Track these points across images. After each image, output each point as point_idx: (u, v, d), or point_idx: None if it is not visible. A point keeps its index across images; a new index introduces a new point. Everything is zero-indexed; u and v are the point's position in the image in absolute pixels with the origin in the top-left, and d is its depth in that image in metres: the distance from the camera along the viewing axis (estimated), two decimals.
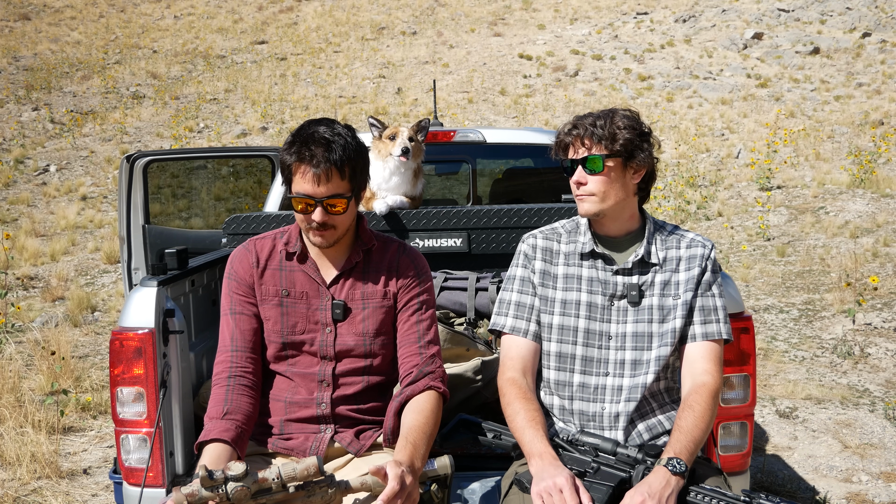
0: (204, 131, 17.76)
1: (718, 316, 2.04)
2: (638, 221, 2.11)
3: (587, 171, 2.00)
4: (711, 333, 2.03)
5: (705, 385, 1.97)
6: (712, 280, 2.06)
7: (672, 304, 2.03)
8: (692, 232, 2.14)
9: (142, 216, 4.41)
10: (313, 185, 1.94)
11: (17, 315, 7.19)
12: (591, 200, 2.02)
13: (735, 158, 14.47)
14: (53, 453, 4.16)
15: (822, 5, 24.30)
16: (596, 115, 2.03)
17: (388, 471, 1.71)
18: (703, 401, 1.93)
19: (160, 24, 30.60)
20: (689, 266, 2.06)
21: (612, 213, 2.04)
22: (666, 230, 2.12)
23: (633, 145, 1.98)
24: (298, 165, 1.95)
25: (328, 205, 1.96)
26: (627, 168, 2.01)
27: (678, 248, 2.08)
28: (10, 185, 14.32)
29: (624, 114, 2.03)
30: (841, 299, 7.07)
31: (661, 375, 2.05)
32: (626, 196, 2.03)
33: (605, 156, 1.98)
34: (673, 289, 2.04)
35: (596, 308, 2.04)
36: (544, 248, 2.12)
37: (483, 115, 18.23)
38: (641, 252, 2.04)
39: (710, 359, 2.01)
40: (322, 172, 1.93)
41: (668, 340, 2.02)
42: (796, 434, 4.54)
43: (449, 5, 30.62)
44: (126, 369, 2.24)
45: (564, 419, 2.07)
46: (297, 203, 1.97)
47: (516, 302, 2.11)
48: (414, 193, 3.03)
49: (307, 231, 2.03)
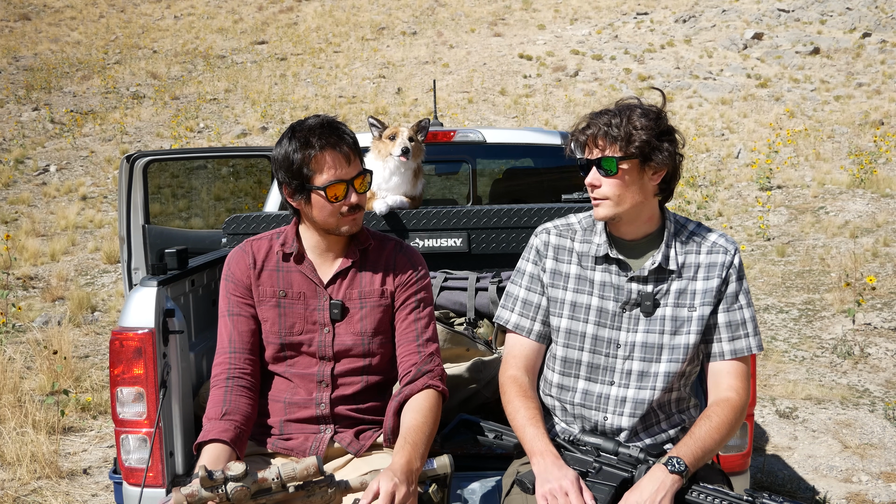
0: (204, 131, 17.75)
1: (748, 329, 1.94)
2: (657, 222, 1.98)
3: (601, 172, 1.88)
4: (741, 350, 1.94)
5: (728, 400, 1.90)
6: (738, 289, 1.94)
7: (686, 316, 1.93)
8: (716, 232, 2.00)
9: (142, 216, 4.41)
10: (345, 167, 1.99)
11: (17, 315, 7.19)
12: (605, 204, 1.90)
13: (735, 158, 14.48)
14: (53, 453, 4.16)
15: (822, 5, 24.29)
16: (612, 113, 1.89)
17: (381, 486, 1.71)
18: (722, 413, 1.86)
19: (160, 24, 30.60)
20: (707, 275, 1.94)
21: (629, 217, 1.93)
22: (687, 230, 1.99)
23: (651, 146, 1.85)
24: (322, 154, 1.96)
25: (358, 184, 2.01)
26: (645, 169, 1.88)
27: (698, 252, 1.96)
28: (10, 185, 14.32)
29: (643, 111, 1.88)
30: (841, 299, 7.06)
31: (674, 386, 1.97)
32: (643, 198, 1.91)
33: (619, 158, 1.85)
34: (689, 299, 1.93)
35: (606, 314, 1.96)
36: (557, 245, 2.03)
37: (483, 115, 18.22)
38: (659, 259, 1.93)
39: (737, 375, 1.93)
40: (350, 151, 2.00)
41: (679, 356, 1.93)
42: (796, 434, 4.54)
43: (449, 5, 30.62)
44: (126, 369, 2.24)
45: (567, 420, 2.05)
46: (333, 190, 1.97)
47: (523, 299, 2.06)
48: (414, 193, 3.02)
49: (339, 222, 2.03)
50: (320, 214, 2.02)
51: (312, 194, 1.99)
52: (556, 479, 1.75)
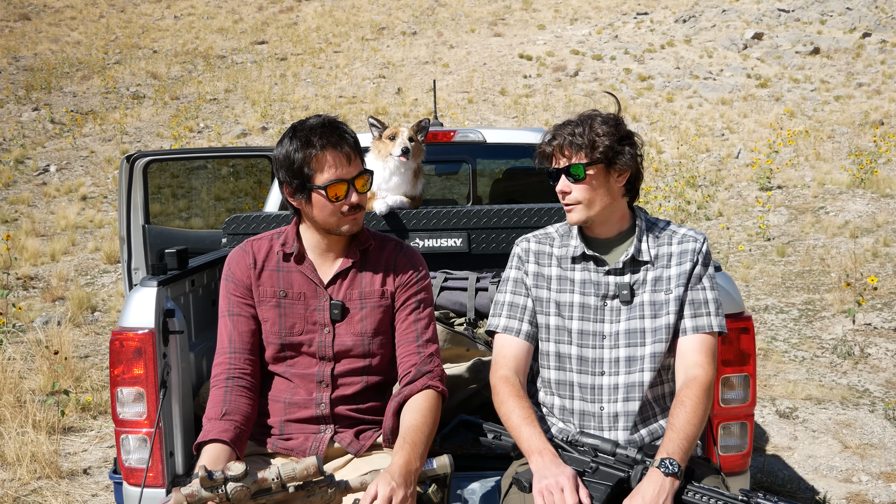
0: (204, 131, 17.75)
1: (710, 309, 2.04)
2: (629, 221, 2.11)
3: (570, 180, 2.00)
4: (702, 326, 2.02)
5: (696, 378, 1.96)
6: (702, 273, 2.06)
7: (664, 299, 2.03)
8: (686, 227, 2.14)
9: (142, 216, 4.41)
10: (346, 167, 1.99)
11: (17, 315, 7.19)
12: (577, 209, 2.03)
13: (735, 158, 14.48)
14: (53, 453, 4.16)
15: (822, 5, 24.30)
16: (574, 123, 2.02)
17: (378, 490, 1.72)
18: (694, 395, 1.93)
19: (160, 25, 30.60)
20: (680, 261, 2.06)
21: (601, 218, 2.05)
22: (658, 227, 2.12)
23: (614, 151, 1.98)
24: (323, 154, 1.96)
25: (360, 184, 2.01)
26: (610, 172, 2.00)
27: (670, 244, 2.08)
28: (10, 185, 14.32)
29: (602, 119, 2.02)
30: (841, 299, 7.06)
31: (663, 378, 2.05)
32: (612, 200, 2.04)
33: (586, 164, 1.98)
34: (664, 284, 2.04)
35: (589, 309, 2.05)
36: (537, 251, 2.14)
37: (483, 115, 18.23)
38: (632, 251, 2.04)
39: (702, 351, 2.01)
40: (350, 150, 2.00)
41: (662, 336, 2.02)
42: (796, 434, 4.54)
43: (449, 5, 30.62)
44: (126, 369, 2.24)
45: (564, 419, 2.08)
46: (332, 192, 1.97)
47: (510, 302, 2.12)
48: (414, 193, 3.03)
49: (339, 221, 2.03)
50: (321, 214, 2.02)
51: (313, 194, 1.99)
52: (553, 475, 1.78)
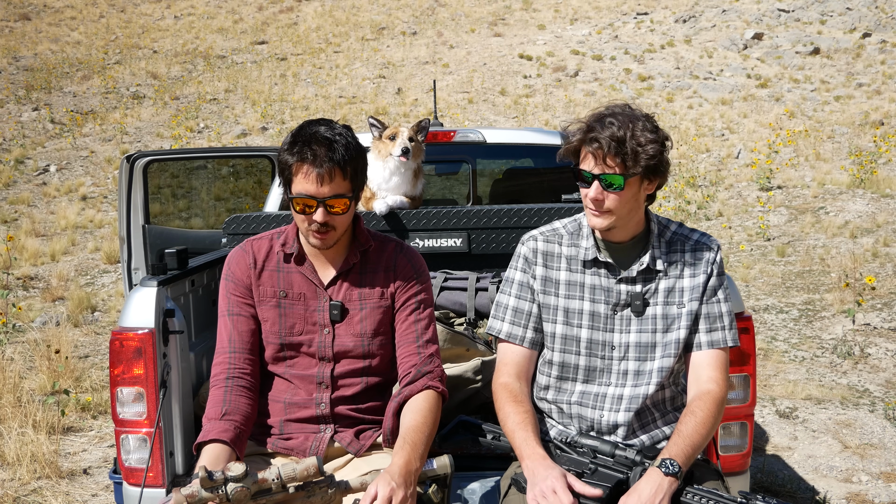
0: (204, 131, 17.75)
1: (724, 322, 1.99)
2: (643, 224, 2.02)
3: (603, 186, 1.87)
4: (717, 341, 1.98)
5: (710, 392, 1.93)
6: (717, 285, 2.00)
7: (676, 313, 1.97)
8: (698, 231, 2.06)
9: (142, 216, 4.41)
10: (316, 185, 1.92)
11: (17, 315, 7.19)
12: (606, 216, 1.92)
13: (735, 158, 14.48)
14: (53, 453, 4.16)
15: (822, 5, 24.29)
16: (615, 124, 1.85)
17: (378, 490, 1.72)
18: (706, 407, 1.90)
19: (160, 24, 30.59)
20: (694, 272, 1.99)
21: (622, 224, 1.95)
22: (670, 230, 2.04)
23: (656, 161, 1.86)
24: (300, 165, 1.93)
25: (329, 205, 1.94)
26: (644, 182, 1.91)
27: (683, 251, 2.01)
28: (10, 185, 14.32)
29: (643, 123, 1.87)
30: (841, 299, 7.06)
31: (666, 384, 2.01)
32: (637, 207, 1.96)
33: (627, 176, 1.86)
34: (677, 296, 1.98)
35: (599, 317, 1.99)
36: (545, 251, 2.05)
37: (483, 116, 18.22)
38: (646, 261, 1.97)
39: (716, 367, 1.97)
40: (325, 172, 1.91)
41: (671, 351, 1.97)
42: (796, 434, 4.54)
43: (449, 5, 30.61)
44: (126, 369, 2.24)
45: (563, 422, 2.06)
46: (298, 203, 1.95)
47: (514, 307, 2.06)
48: (414, 193, 3.02)
49: (306, 233, 2.01)
50: (296, 219, 2.02)
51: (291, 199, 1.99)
52: (543, 479, 1.77)
